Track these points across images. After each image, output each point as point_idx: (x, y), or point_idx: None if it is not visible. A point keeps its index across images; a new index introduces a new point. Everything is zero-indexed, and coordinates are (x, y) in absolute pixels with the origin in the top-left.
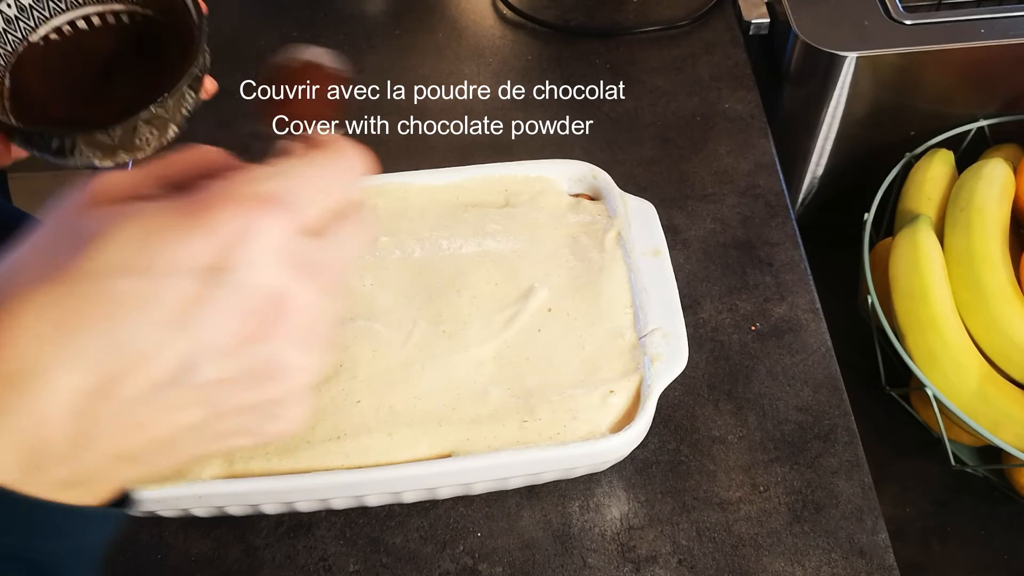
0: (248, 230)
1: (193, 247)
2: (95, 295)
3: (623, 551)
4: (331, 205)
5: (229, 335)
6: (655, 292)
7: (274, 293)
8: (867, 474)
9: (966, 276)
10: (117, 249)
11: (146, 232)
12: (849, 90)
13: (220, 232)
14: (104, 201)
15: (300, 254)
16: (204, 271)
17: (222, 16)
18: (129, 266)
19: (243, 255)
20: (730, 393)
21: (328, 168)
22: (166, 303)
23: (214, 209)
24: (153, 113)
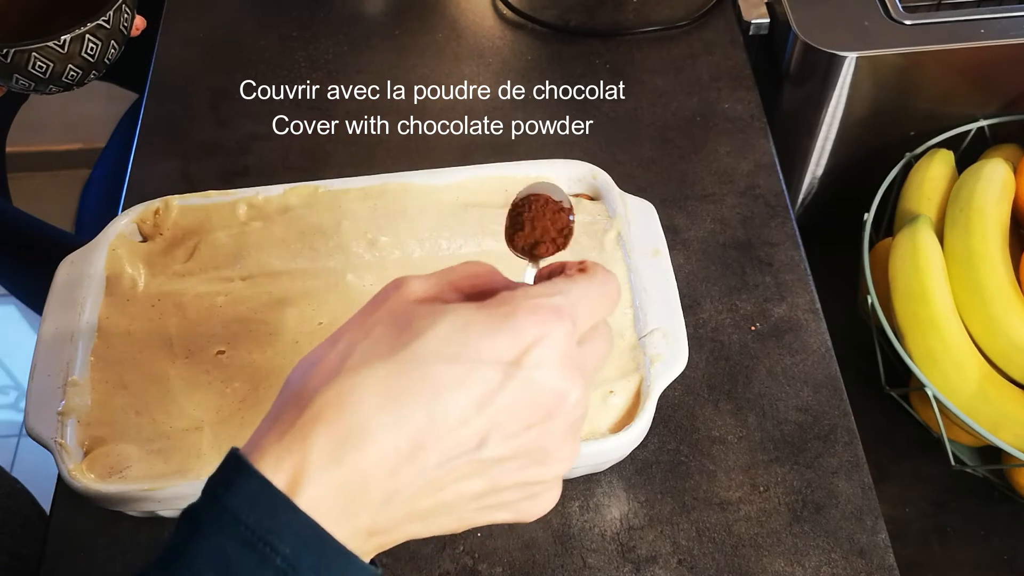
0: (544, 336)
1: (500, 344)
2: (421, 375)
3: (623, 551)
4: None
5: (518, 420)
6: (655, 292)
7: (557, 390)
8: (867, 474)
9: (966, 276)
10: (439, 339)
11: (463, 328)
12: (849, 90)
13: (523, 335)
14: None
15: (576, 359)
16: (506, 364)
17: (222, 16)
18: (449, 354)
19: (538, 356)
20: (730, 393)
21: (596, 291)
22: (474, 387)
23: (519, 315)
24: (98, 24)
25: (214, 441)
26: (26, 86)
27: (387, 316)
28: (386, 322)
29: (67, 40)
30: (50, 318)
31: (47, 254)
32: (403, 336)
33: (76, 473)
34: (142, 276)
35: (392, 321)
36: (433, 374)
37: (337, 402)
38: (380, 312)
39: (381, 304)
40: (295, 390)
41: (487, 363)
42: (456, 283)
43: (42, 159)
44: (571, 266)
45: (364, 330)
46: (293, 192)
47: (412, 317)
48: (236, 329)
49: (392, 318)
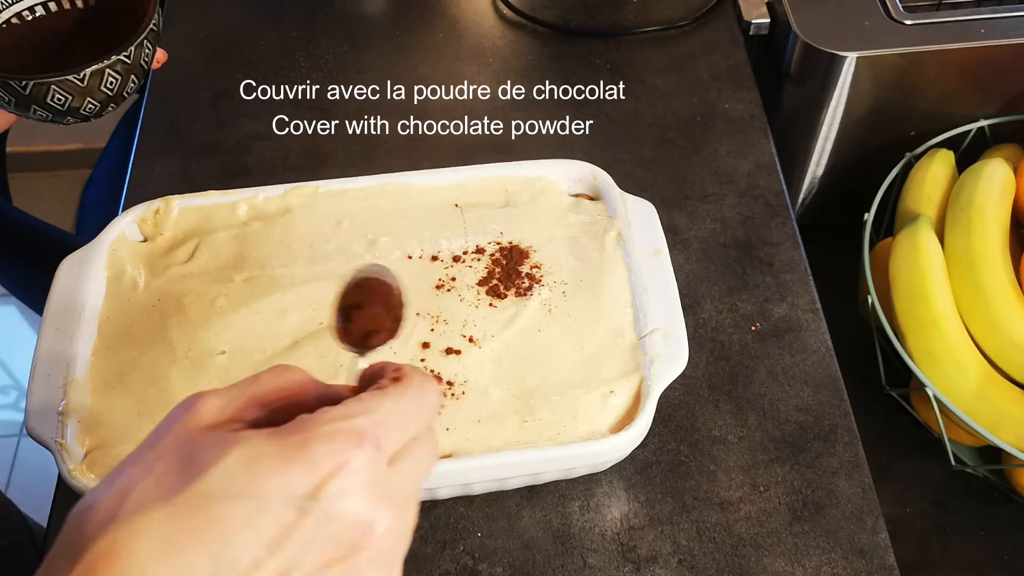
0: (342, 466)
1: (293, 478)
2: (204, 517)
3: (623, 551)
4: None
5: (318, 558)
6: (655, 292)
7: (360, 523)
8: (867, 474)
9: (966, 276)
10: (226, 475)
11: (253, 461)
12: (849, 90)
13: (318, 466)
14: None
15: (383, 484)
16: (301, 499)
17: (222, 16)
18: (236, 491)
19: (336, 488)
20: (730, 393)
21: (410, 403)
22: (266, 527)
23: (314, 444)
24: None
25: None
26: (43, 117)
27: (171, 448)
28: (169, 455)
29: (87, 74)
30: (50, 318)
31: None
32: (186, 473)
33: (76, 473)
34: (142, 276)
35: (175, 454)
36: (218, 515)
37: (110, 553)
38: (165, 442)
39: (167, 431)
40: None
41: (279, 499)
42: (261, 397)
43: (42, 159)
44: (388, 372)
45: (145, 466)
46: (293, 192)
47: (197, 449)
48: (236, 329)
49: (176, 450)
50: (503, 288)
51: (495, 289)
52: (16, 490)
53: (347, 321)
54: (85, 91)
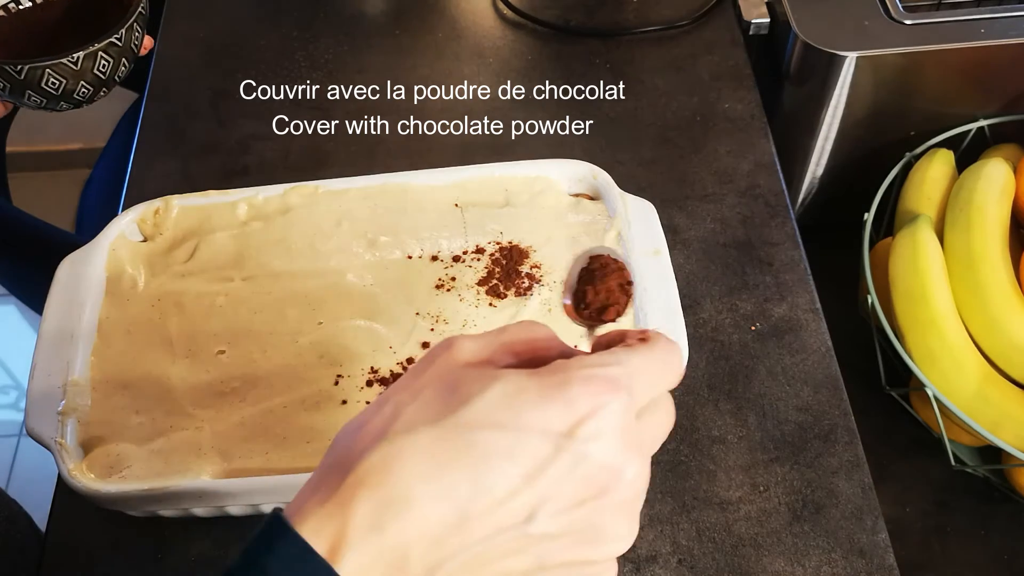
0: (599, 408)
1: (552, 414)
2: (467, 443)
3: None
4: (659, 391)
5: (569, 495)
6: (655, 292)
7: (611, 466)
8: (867, 474)
9: (966, 276)
10: (489, 406)
11: (514, 395)
12: (849, 90)
13: (576, 406)
14: (474, 363)
15: (632, 434)
16: (558, 436)
17: (222, 16)
18: (497, 422)
19: (592, 429)
20: (730, 393)
21: (657, 362)
22: (524, 458)
23: (573, 385)
24: (111, 42)
25: (214, 441)
26: (38, 103)
27: (435, 379)
28: (434, 385)
29: (80, 57)
30: (50, 318)
31: (47, 254)
32: (451, 401)
33: (76, 473)
34: (142, 276)
35: (440, 384)
36: (481, 442)
37: (381, 468)
38: (428, 374)
39: (429, 365)
40: (340, 453)
41: (538, 433)
42: (511, 345)
43: (42, 159)
44: (632, 335)
45: (411, 392)
46: (293, 192)
47: (461, 381)
48: (236, 329)
49: (440, 381)
50: (503, 288)
51: (495, 289)
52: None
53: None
54: (79, 74)
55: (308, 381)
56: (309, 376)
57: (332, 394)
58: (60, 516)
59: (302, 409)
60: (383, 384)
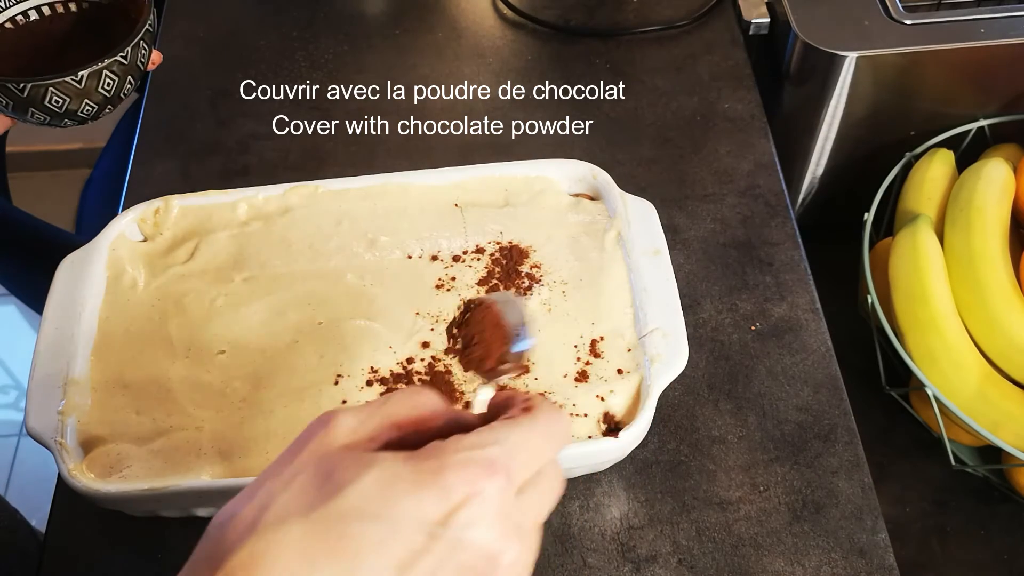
0: (474, 495)
1: (426, 503)
2: (338, 535)
3: (623, 551)
4: (538, 466)
5: None
6: (655, 292)
7: (488, 552)
8: (867, 474)
9: (966, 276)
10: (362, 495)
11: (388, 484)
12: (849, 90)
13: (451, 493)
14: (348, 444)
15: (512, 515)
16: (433, 524)
17: (222, 16)
18: (371, 512)
19: (467, 516)
20: (730, 393)
21: (539, 434)
22: (397, 549)
23: (448, 471)
24: (116, 60)
25: (214, 441)
26: (41, 120)
27: (310, 463)
28: (308, 470)
29: (84, 76)
30: (50, 318)
31: (47, 254)
32: (324, 490)
33: (76, 473)
34: (142, 276)
35: (314, 470)
36: (353, 533)
37: (250, 563)
38: (303, 457)
39: (305, 445)
40: (210, 545)
41: (412, 523)
42: (393, 419)
43: (42, 159)
44: (516, 403)
45: (284, 480)
46: (293, 192)
47: (335, 467)
48: (236, 329)
49: (314, 466)
50: (503, 288)
51: (495, 289)
52: (16, 490)
53: (467, 348)
54: (83, 93)
55: (308, 381)
56: (309, 376)
57: (332, 394)
58: (60, 516)
59: (302, 409)
60: (383, 384)
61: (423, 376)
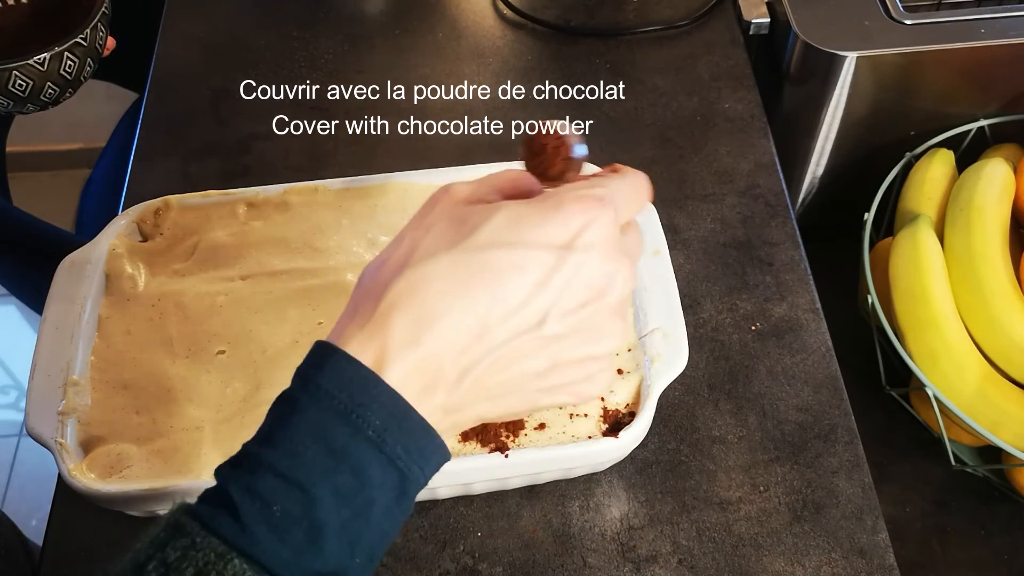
0: (591, 222)
1: (552, 230)
2: (481, 262)
3: (623, 551)
4: (635, 212)
5: (573, 299)
6: (655, 292)
7: (606, 271)
8: (867, 474)
9: (966, 276)
10: (496, 230)
11: (517, 219)
12: (849, 90)
13: (571, 221)
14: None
15: (619, 244)
16: (559, 248)
17: (222, 16)
18: (506, 241)
19: (587, 240)
20: (730, 393)
21: (631, 185)
22: (532, 270)
23: (566, 204)
24: (76, 42)
25: (214, 441)
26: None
27: (443, 215)
28: (443, 220)
29: (47, 58)
30: (50, 318)
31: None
32: (462, 230)
33: (76, 473)
34: (142, 276)
35: (448, 219)
36: (493, 260)
37: (410, 291)
38: (435, 213)
39: (433, 207)
40: (368, 287)
41: (541, 248)
42: (498, 186)
43: (42, 159)
44: (604, 171)
45: (423, 229)
46: (293, 192)
47: (467, 214)
48: (236, 329)
49: (448, 216)
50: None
51: None
52: (16, 490)
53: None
54: (45, 75)
55: None
56: None
57: None
58: (60, 516)
59: None
60: None
61: None
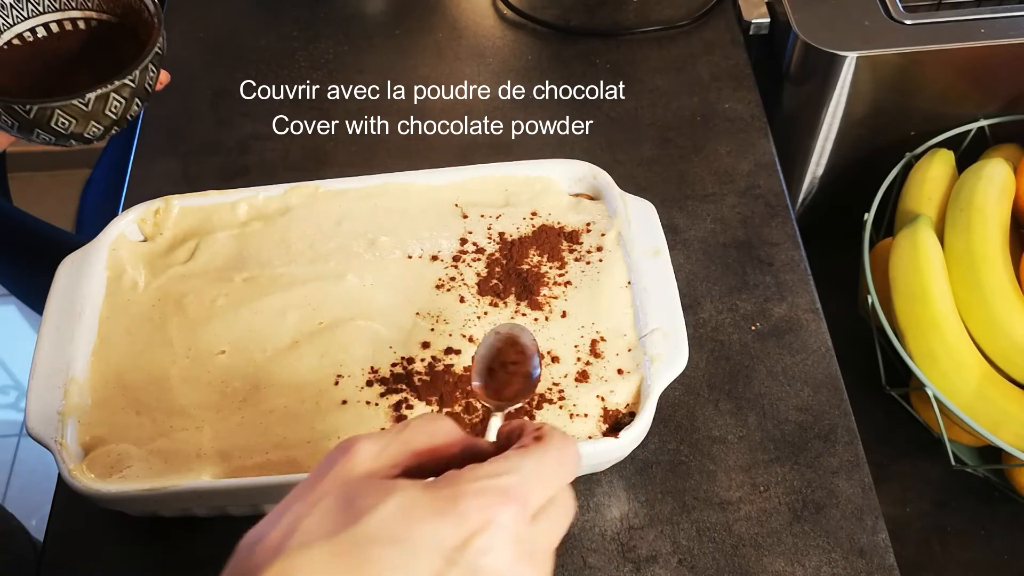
0: (489, 522)
1: (444, 529)
2: (362, 557)
3: (623, 551)
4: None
5: None
6: (655, 292)
7: None
8: (867, 474)
9: (966, 276)
10: (383, 520)
11: (408, 510)
12: (849, 90)
13: (467, 520)
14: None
15: (526, 541)
16: (450, 550)
17: (222, 16)
18: (392, 536)
19: (483, 543)
20: (730, 393)
21: (551, 462)
22: (416, 573)
23: (463, 498)
24: (124, 83)
25: (214, 441)
26: (47, 140)
27: (332, 489)
28: (331, 497)
29: (92, 98)
30: (50, 318)
31: (47, 254)
32: (347, 514)
33: (76, 473)
34: (142, 276)
35: (337, 495)
36: (375, 557)
37: None
38: (326, 483)
39: (327, 471)
40: (239, 566)
41: (430, 548)
42: (412, 446)
43: (42, 159)
44: (528, 432)
45: (308, 504)
46: (293, 192)
47: (357, 494)
48: (236, 329)
49: (337, 492)
50: (503, 288)
51: (495, 289)
52: (16, 490)
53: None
54: (89, 115)
55: (308, 381)
56: (309, 376)
57: (332, 394)
58: (60, 516)
59: (302, 409)
60: (383, 384)
61: (423, 376)
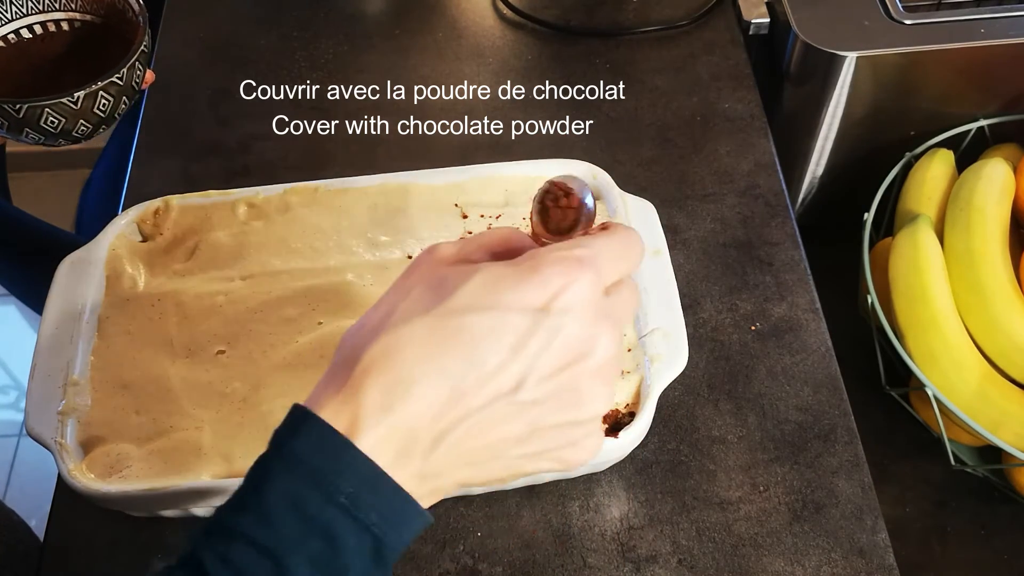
0: (569, 284)
1: (528, 293)
2: (456, 326)
3: (623, 551)
4: (624, 271)
5: (550, 364)
6: (655, 292)
7: (585, 335)
8: (867, 474)
9: (966, 276)
10: (472, 293)
11: (494, 282)
12: (849, 90)
13: (549, 284)
14: (452, 262)
15: (601, 307)
16: (536, 311)
17: (222, 16)
18: (481, 305)
19: (565, 303)
20: (730, 393)
21: (618, 244)
22: (507, 334)
23: (545, 267)
24: (112, 81)
25: (214, 441)
26: (36, 139)
27: (423, 278)
28: (422, 283)
29: (80, 97)
30: (50, 318)
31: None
32: (439, 293)
33: (76, 473)
34: (142, 276)
35: (427, 282)
36: (469, 325)
37: (384, 356)
38: (415, 275)
39: (416, 269)
40: (345, 352)
41: (517, 311)
42: (485, 246)
43: (42, 159)
44: (593, 229)
45: (403, 292)
46: (293, 192)
47: (446, 277)
48: (236, 329)
49: (427, 279)
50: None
51: None
52: (16, 490)
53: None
54: (78, 113)
55: (308, 381)
56: (309, 376)
57: None
58: (60, 516)
59: None
60: None
61: None
